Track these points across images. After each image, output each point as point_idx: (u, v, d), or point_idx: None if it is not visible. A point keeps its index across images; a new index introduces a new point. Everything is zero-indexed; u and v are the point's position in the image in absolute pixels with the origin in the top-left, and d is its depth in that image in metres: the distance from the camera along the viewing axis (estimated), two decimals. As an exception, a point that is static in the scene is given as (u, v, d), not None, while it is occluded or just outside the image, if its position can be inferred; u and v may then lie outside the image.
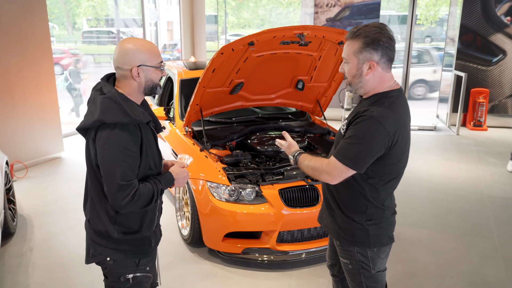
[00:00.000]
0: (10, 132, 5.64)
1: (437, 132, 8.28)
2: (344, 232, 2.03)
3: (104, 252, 1.96)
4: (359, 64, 1.84)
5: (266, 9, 21.18)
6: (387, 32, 1.82)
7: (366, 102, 1.90)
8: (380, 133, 1.78)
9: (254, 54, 3.59)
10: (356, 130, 1.82)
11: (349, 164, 1.82)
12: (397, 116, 1.83)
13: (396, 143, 1.83)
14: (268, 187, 3.40)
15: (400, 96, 1.90)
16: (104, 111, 1.79)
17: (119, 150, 1.78)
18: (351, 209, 1.99)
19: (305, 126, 4.46)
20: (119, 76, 1.91)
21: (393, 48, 1.83)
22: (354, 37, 1.84)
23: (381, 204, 1.98)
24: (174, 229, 4.13)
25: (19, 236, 4.01)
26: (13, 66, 5.57)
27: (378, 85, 1.88)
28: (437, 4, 24.47)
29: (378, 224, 1.99)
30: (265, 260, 3.41)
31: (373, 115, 1.79)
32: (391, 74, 1.91)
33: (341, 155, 1.84)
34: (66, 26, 32.28)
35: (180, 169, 2.06)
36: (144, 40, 1.94)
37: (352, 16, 8.00)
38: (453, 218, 4.43)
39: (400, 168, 1.96)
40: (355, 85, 1.91)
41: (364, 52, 1.82)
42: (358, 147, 1.80)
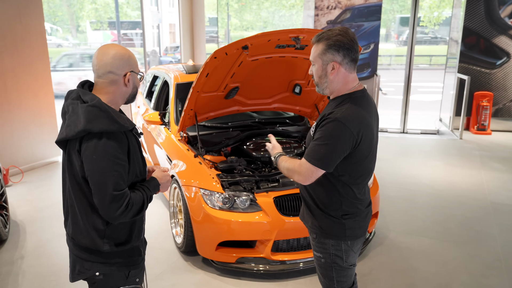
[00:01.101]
0: (6, 137, 5.58)
1: (439, 136, 8.16)
2: (321, 226, 2.13)
3: (93, 267, 1.89)
4: (324, 65, 1.96)
5: (269, 11, 21.13)
6: (349, 35, 1.93)
7: (332, 104, 2.02)
8: (344, 134, 1.89)
9: (248, 58, 3.50)
10: (322, 132, 1.94)
11: (318, 164, 1.93)
12: (360, 116, 1.94)
13: (360, 142, 1.95)
14: (263, 194, 3.31)
15: (363, 97, 2.01)
16: (90, 120, 1.72)
17: (108, 160, 1.72)
18: (327, 205, 2.10)
19: (302, 131, 4.37)
20: (107, 82, 1.83)
21: (355, 50, 1.94)
22: (318, 41, 1.97)
23: (354, 198, 2.09)
24: (168, 236, 4.05)
25: (11, 243, 3.94)
26: (9, 70, 5.52)
27: (342, 86, 2.00)
28: (441, 6, 24.36)
29: (353, 218, 2.11)
30: (260, 270, 3.32)
31: (337, 117, 1.91)
32: (355, 75, 2.03)
33: (310, 156, 1.95)
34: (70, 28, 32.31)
35: (162, 174, 2.03)
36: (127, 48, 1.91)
37: (353, 19, 7.91)
38: (455, 226, 4.32)
39: (368, 165, 2.08)
40: (322, 85, 2.02)
41: (327, 53, 1.93)
42: (325, 148, 1.92)
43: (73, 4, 28.66)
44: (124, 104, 1.97)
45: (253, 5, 22.13)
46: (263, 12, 21.39)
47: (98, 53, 1.83)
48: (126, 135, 1.82)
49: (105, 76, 1.82)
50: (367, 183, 2.16)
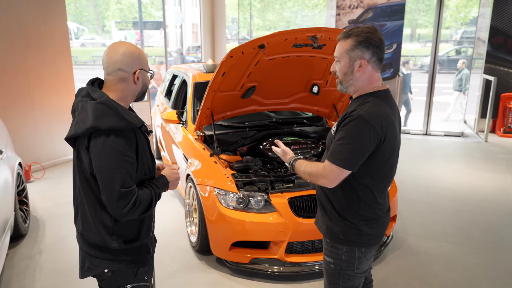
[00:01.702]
0: (29, 134, 5.71)
1: (464, 139, 7.95)
2: (336, 230, 2.06)
3: (102, 264, 1.90)
4: (351, 62, 1.91)
5: (292, 11, 21.03)
6: (378, 33, 1.91)
7: (354, 103, 1.96)
8: (368, 131, 1.84)
9: (265, 57, 3.47)
10: (345, 131, 1.87)
11: (343, 164, 1.87)
12: (384, 113, 1.89)
13: (384, 140, 1.89)
14: (278, 195, 3.28)
15: (386, 96, 1.96)
16: (98, 117, 1.72)
17: (116, 157, 1.72)
18: (345, 209, 2.02)
19: (320, 131, 4.31)
20: (116, 79, 1.84)
21: (383, 49, 1.92)
22: (346, 37, 1.92)
23: (374, 203, 2.02)
24: (184, 235, 4.06)
25: (30, 238, 4.02)
26: (33, 68, 5.64)
27: (366, 85, 1.95)
28: (468, 5, 23.77)
29: (371, 224, 2.03)
30: (275, 271, 3.28)
31: (360, 114, 1.85)
32: (379, 75, 1.98)
33: (334, 157, 1.88)
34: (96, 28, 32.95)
35: (171, 171, 2.03)
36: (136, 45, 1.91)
37: (376, 18, 7.78)
38: (477, 232, 4.18)
39: (390, 167, 2.01)
40: (346, 83, 1.96)
41: (356, 50, 1.89)
42: (349, 147, 1.85)
43: (99, 4, 29.22)
44: (134, 102, 1.98)
45: (276, 5, 22.07)
46: (285, 12, 21.30)
47: (108, 50, 1.84)
48: (135, 132, 1.82)
49: (115, 74, 1.83)
50: (387, 188, 2.08)
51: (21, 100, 5.55)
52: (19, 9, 5.38)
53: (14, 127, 5.44)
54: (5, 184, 3.49)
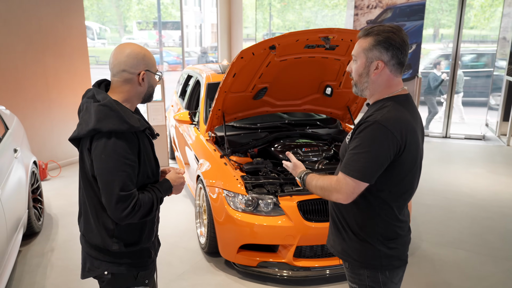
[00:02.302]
0: (47, 132, 5.80)
1: (485, 142, 7.73)
2: (353, 253, 1.85)
3: (102, 266, 1.89)
4: (367, 62, 1.75)
5: (312, 11, 20.89)
6: (401, 34, 1.72)
7: (371, 109, 1.78)
8: (386, 138, 1.65)
9: (277, 58, 3.43)
10: (360, 139, 1.69)
11: (358, 176, 1.66)
12: (405, 119, 1.70)
13: (405, 149, 1.69)
14: (287, 198, 3.23)
15: (407, 101, 1.78)
16: (100, 119, 1.71)
17: (117, 159, 1.71)
18: (361, 227, 1.82)
19: (333, 134, 4.25)
20: (121, 81, 1.83)
21: (405, 52, 1.73)
22: (366, 35, 1.75)
23: (394, 220, 1.81)
24: (193, 236, 4.05)
25: (43, 236, 4.08)
26: (51, 68, 5.73)
27: (384, 89, 1.77)
28: (494, 4, 23.17)
29: (391, 244, 1.82)
30: (284, 276, 3.23)
31: (377, 119, 1.67)
32: (400, 80, 1.79)
33: (348, 168, 1.69)
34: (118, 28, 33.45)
35: (176, 176, 2.00)
36: (144, 47, 1.89)
37: (395, 18, 7.63)
38: (495, 239, 4.05)
39: (411, 180, 1.80)
40: (361, 85, 1.80)
41: (374, 50, 1.72)
42: (365, 156, 1.66)
43: (121, 5, 29.65)
44: (141, 104, 1.95)
45: (296, 5, 21.97)
46: (305, 12, 21.17)
47: (114, 51, 1.84)
48: (137, 136, 1.80)
49: (119, 75, 1.82)
50: (408, 202, 1.87)
51: (39, 99, 5.65)
52: (38, 10, 5.47)
53: (32, 126, 5.54)
54: (19, 182, 3.55)
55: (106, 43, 29.39)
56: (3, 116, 3.95)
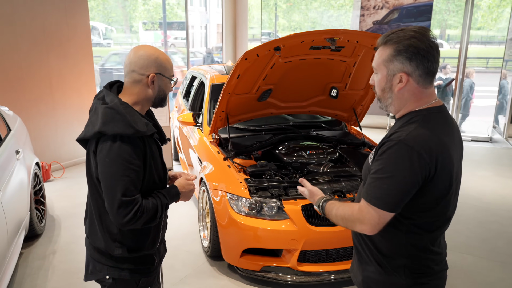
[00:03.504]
0: (50, 133, 5.79)
1: (492, 144, 7.64)
2: (371, 281, 1.65)
3: (103, 269, 1.86)
4: (389, 76, 1.52)
5: (318, 11, 20.82)
6: (427, 38, 1.46)
7: (397, 123, 1.55)
8: (413, 160, 1.41)
9: (281, 60, 3.38)
10: (383, 161, 1.46)
11: (382, 205, 1.45)
12: (435, 136, 1.46)
13: (436, 173, 1.44)
14: (291, 202, 3.18)
15: (440, 114, 1.53)
16: (105, 122, 1.68)
17: (121, 164, 1.66)
18: (387, 257, 1.59)
19: (338, 136, 4.19)
20: (131, 82, 1.79)
21: (433, 58, 1.47)
22: (385, 43, 1.52)
23: (426, 251, 1.57)
24: (196, 239, 4.01)
25: (45, 238, 4.05)
26: (55, 69, 5.72)
27: (412, 104, 1.53)
28: (501, 5, 22.98)
29: (421, 279, 1.57)
30: (288, 281, 3.18)
31: (402, 138, 1.43)
32: (432, 90, 1.54)
33: (370, 195, 1.47)
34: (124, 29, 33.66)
35: (186, 182, 1.94)
36: (162, 50, 1.85)
37: (401, 19, 7.56)
38: (503, 244, 3.97)
39: (445, 207, 1.54)
40: (385, 101, 1.57)
41: (395, 61, 1.48)
42: (388, 182, 1.44)
43: (127, 5, 29.73)
44: (153, 108, 1.91)
45: (301, 5, 21.90)
46: (311, 13, 21.10)
47: (129, 52, 1.80)
48: (144, 140, 1.75)
49: (129, 75, 1.78)
50: (444, 231, 1.61)
51: (43, 100, 5.63)
52: (42, 10, 5.46)
53: (36, 126, 5.52)
54: (20, 184, 3.52)
55: (112, 43, 29.48)
56: (5, 117, 3.92)
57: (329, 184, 3.28)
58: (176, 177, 2.02)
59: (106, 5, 28.58)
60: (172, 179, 2.02)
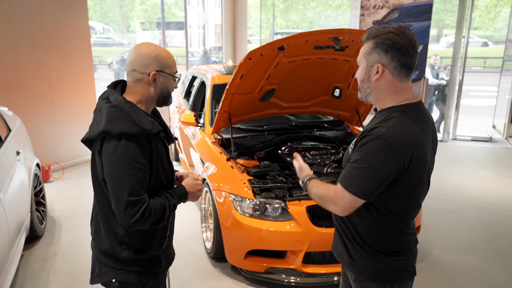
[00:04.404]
0: (50, 134, 5.74)
1: (492, 144, 7.63)
2: (359, 264, 1.77)
3: (109, 273, 1.83)
4: (367, 67, 1.65)
5: (315, 11, 20.81)
6: (405, 35, 1.58)
7: (377, 117, 1.68)
8: (389, 155, 1.55)
9: (285, 60, 3.35)
10: (362, 153, 1.59)
11: (356, 192, 1.59)
12: (411, 133, 1.58)
13: (409, 167, 1.58)
14: (295, 203, 3.15)
15: (417, 111, 1.65)
16: (110, 121, 1.64)
17: (127, 163, 1.63)
18: (366, 239, 1.74)
19: (341, 136, 4.16)
20: (133, 81, 1.76)
21: (408, 53, 1.58)
22: (366, 38, 1.67)
23: (400, 233, 1.74)
24: (199, 240, 3.98)
25: (46, 239, 4.01)
26: (54, 69, 5.67)
27: (389, 95, 1.65)
28: (498, 5, 23.05)
29: (399, 256, 1.75)
30: (291, 282, 3.16)
31: (381, 134, 1.56)
32: (408, 85, 1.66)
33: (347, 181, 1.61)
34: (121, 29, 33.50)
35: (193, 182, 1.91)
36: (163, 47, 1.81)
37: (401, 19, 7.55)
38: (507, 245, 3.96)
39: (416, 197, 1.70)
40: (364, 91, 1.71)
41: (374, 53, 1.62)
42: (364, 172, 1.57)
43: (124, 5, 29.64)
44: (158, 107, 1.87)
45: (299, 5, 21.90)
46: (309, 13, 21.11)
47: (130, 51, 1.78)
48: (150, 139, 1.72)
49: (131, 75, 1.75)
50: (416, 215, 1.77)
51: (42, 101, 5.59)
52: (41, 10, 5.41)
53: (35, 127, 5.48)
54: (21, 185, 3.48)
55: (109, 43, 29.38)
56: (5, 118, 3.88)
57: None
58: (183, 177, 1.99)
59: (103, 5, 28.47)
60: (180, 180, 1.99)
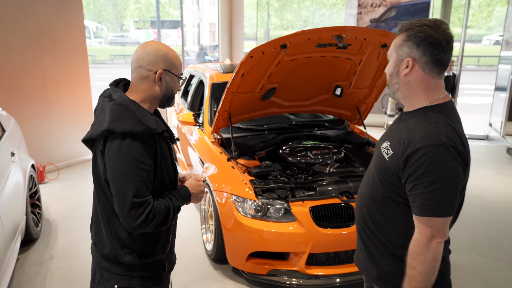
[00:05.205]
0: (45, 134, 5.64)
1: (489, 142, 7.63)
2: (388, 275, 1.63)
3: (112, 278, 1.76)
4: (397, 61, 1.56)
5: (310, 10, 20.79)
6: (440, 28, 1.48)
7: (409, 118, 1.55)
8: (457, 161, 1.43)
9: (287, 58, 3.29)
10: (431, 172, 1.41)
11: (447, 213, 1.44)
12: (462, 132, 1.51)
13: (468, 163, 1.50)
14: (298, 204, 3.09)
15: (452, 110, 1.55)
16: (114, 119, 1.58)
17: (131, 163, 1.57)
18: (397, 245, 1.60)
19: (342, 135, 4.12)
20: (138, 78, 1.70)
21: (442, 49, 1.47)
22: (399, 30, 1.57)
23: None
24: (199, 241, 3.91)
25: (42, 242, 3.92)
26: (49, 68, 5.57)
27: (421, 93, 1.54)
28: (491, 4, 23.16)
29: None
30: (293, 284, 3.10)
31: (443, 140, 1.41)
32: (440, 83, 1.55)
33: (432, 208, 1.43)
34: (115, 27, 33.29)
35: (196, 183, 1.86)
36: (171, 47, 1.76)
37: (399, 17, 7.52)
38: (509, 243, 3.93)
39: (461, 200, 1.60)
40: (392, 87, 1.61)
41: (405, 46, 1.52)
42: (445, 191, 1.42)
43: (117, 3, 29.44)
44: (160, 108, 1.82)
45: (294, 3, 21.87)
46: (303, 11, 21.07)
47: (137, 48, 1.73)
48: (154, 138, 1.67)
49: (136, 71, 1.70)
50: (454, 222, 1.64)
51: (36, 101, 5.48)
52: (35, 8, 5.31)
53: (29, 127, 5.37)
54: (16, 187, 3.39)
55: (103, 42, 29.22)
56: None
57: (337, 185, 3.21)
58: (185, 178, 1.93)
59: (96, 4, 28.27)
60: (182, 181, 1.93)
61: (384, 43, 3.29)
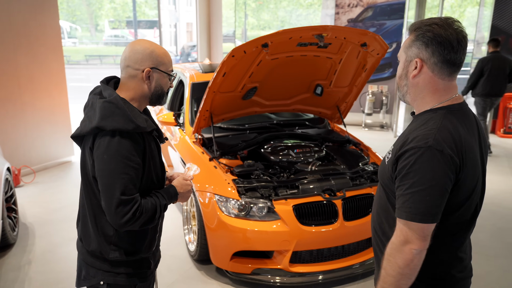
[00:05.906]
0: (19, 136, 5.49)
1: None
2: None
3: (97, 275, 1.76)
4: (406, 62, 1.49)
5: (286, 10, 20.90)
6: (450, 26, 1.40)
7: (416, 121, 1.48)
8: (443, 166, 1.34)
9: (268, 57, 3.30)
10: (415, 173, 1.35)
11: (426, 219, 1.35)
12: (459, 136, 1.39)
13: (461, 171, 1.38)
14: (282, 202, 3.11)
15: (461, 111, 1.46)
16: (104, 117, 1.59)
17: (120, 161, 1.58)
18: None
19: (323, 134, 4.15)
20: (126, 77, 1.71)
21: (452, 48, 1.39)
22: (409, 29, 1.51)
23: (451, 256, 1.50)
24: (181, 242, 3.88)
25: (19, 247, 3.81)
26: (23, 68, 5.42)
27: (428, 95, 1.47)
28: (463, 5, 23.77)
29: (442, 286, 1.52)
30: (277, 283, 3.11)
31: (430, 143, 1.34)
32: (452, 84, 1.47)
33: (411, 211, 1.36)
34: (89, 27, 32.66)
35: (183, 182, 1.89)
36: (159, 45, 1.77)
37: (375, 17, 7.65)
38: (485, 237, 4.04)
39: (470, 207, 1.46)
40: (401, 89, 1.54)
41: (413, 46, 1.45)
42: (426, 194, 1.34)
43: (92, 3, 28.91)
44: (151, 106, 1.82)
45: (271, 4, 21.95)
46: (280, 12, 21.17)
47: (126, 47, 1.74)
48: (144, 137, 1.68)
49: (125, 71, 1.71)
50: (471, 231, 1.53)
51: (11, 102, 5.33)
52: (8, 6, 5.16)
53: (4, 129, 5.22)
54: (-8, 191, 3.29)
55: (77, 42, 28.67)
56: (-27, 120, 3.67)
57: (319, 183, 3.23)
58: (173, 177, 1.95)
59: (70, 3, 27.71)
60: (170, 180, 1.95)
61: (363, 42, 3.34)
